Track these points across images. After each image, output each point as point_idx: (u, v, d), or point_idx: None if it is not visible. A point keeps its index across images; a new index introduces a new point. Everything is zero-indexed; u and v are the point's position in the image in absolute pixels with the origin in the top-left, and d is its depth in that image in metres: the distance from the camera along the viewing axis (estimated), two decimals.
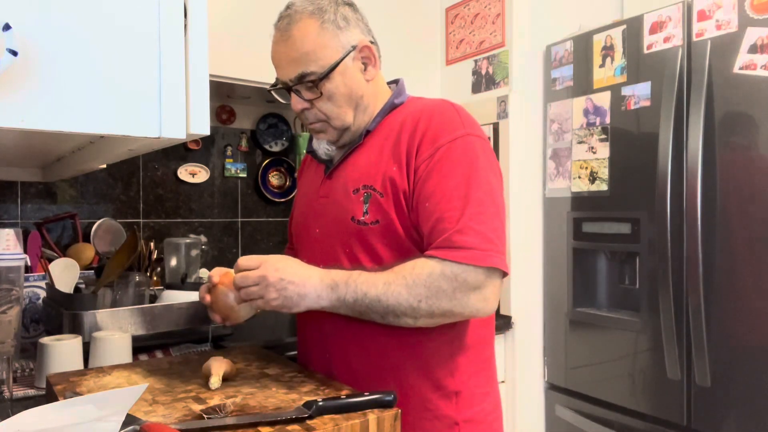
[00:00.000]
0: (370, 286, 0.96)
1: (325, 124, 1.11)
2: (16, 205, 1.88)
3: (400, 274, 0.96)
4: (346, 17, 1.07)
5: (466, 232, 0.95)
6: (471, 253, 0.95)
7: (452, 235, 0.96)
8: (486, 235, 0.96)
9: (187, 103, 0.92)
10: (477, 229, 0.96)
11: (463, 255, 0.95)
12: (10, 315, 1.16)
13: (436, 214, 0.98)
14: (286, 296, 0.97)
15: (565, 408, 2.00)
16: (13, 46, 0.74)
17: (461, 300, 0.95)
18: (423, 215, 1.00)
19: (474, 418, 1.07)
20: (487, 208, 0.98)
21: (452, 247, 0.95)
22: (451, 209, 0.97)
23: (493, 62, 2.12)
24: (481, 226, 0.96)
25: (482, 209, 0.98)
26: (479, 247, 0.95)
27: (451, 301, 0.95)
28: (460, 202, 0.97)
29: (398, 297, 0.95)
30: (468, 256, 0.95)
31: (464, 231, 0.95)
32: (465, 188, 0.98)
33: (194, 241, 1.97)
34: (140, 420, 0.76)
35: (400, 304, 0.95)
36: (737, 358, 1.53)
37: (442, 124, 1.03)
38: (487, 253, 0.95)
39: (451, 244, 0.95)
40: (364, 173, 1.07)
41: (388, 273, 0.97)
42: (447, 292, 0.95)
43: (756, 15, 1.50)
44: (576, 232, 1.97)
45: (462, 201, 0.97)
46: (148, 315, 1.37)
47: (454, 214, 0.97)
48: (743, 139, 1.53)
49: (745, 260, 1.52)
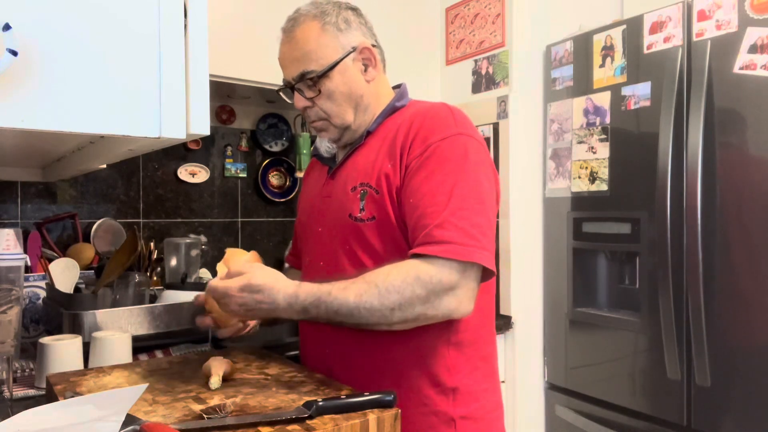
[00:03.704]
0: (341, 303, 0.95)
1: (326, 122, 1.14)
2: (16, 205, 1.88)
3: (372, 283, 0.95)
4: (348, 20, 1.11)
5: (446, 226, 0.95)
6: (449, 247, 0.94)
7: (432, 229, 0.96)
8: (466, 230, 0.96)
9: (187, 103, 0.92)
10: (457, 224, 0.95)
11: (440, 249, 0.94)
12: (10, 315, 1.16)
13: (420, 209, 0.99)
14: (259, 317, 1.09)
15: (565, 408, 2.00)
16: (13, 46, 0.74)
17: (434, 303, 0.95)
18: (408, 211, 1.01)
19: (472, 415, 1.07)
20: (470, 204, 0.98)
21: (431, 242, 0.95)
22: (434, 204, 0.97)
23: (493, 62, 2.12)
24: (462, 221, 0.96)
25: (465, 205, 0.97)
26: (457, 241, 0.94)
27: (424, 304, 0.95)
28: (443, 197, 0.97)
29: (370, 309, 0.94)
30: (445, 249, 0.94)
31: (444, 225, 0.95)
32: (450, 185, 0.98)
33: (194, 241, 1.97)
34: (140, 420, 0.76)
35: (372, 315, 0.95)
36: (737, 358, 1.53)
37: (434, 124, 1.04)
38: (466, 247, 0.94)
39: (431, 239, 0.95)
40: (362, 172, 1.09)
41: (359, 284, 0.96)
42: (421, 297, 0.94)
43: (756, 15, 1.50)
44: (576, 232, 1.97)
45: (446, 197, 0.97)
46: (148, 315, 1.37)
47: (437, 209, 0.97)
48: (743, 139, 1.53)
49: (745, 260, 1.52)
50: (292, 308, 0.98)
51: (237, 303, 0.99)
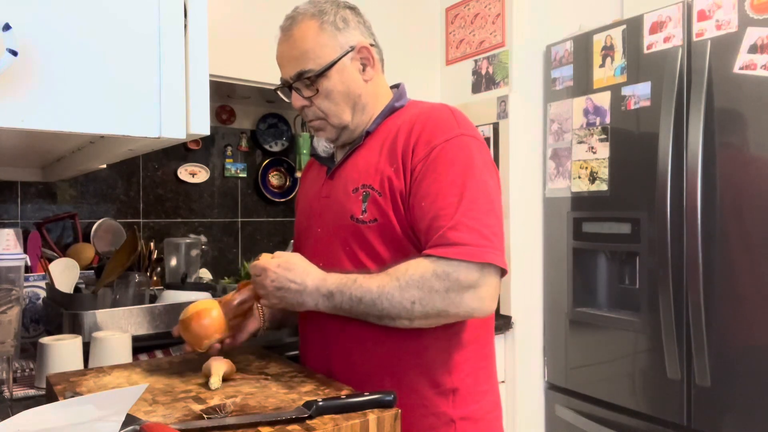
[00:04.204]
0: (365, 291, 0.98)
1: (324, 122, 1.14)
2: (16, 205, 1.88)
3: (393, 276, 0.97)
4: (346, 19, 1.11)
5: (460, 228, 0.96)
6: (464, 249, 0.95)
7: (446, 232, 0.96)
8: (480, 231, 0.97)
9: (187, 103, 0.92)
10: (471, 226, 0.96)
11: (456, 251, 0.95)
12: (10, 315, 1.16)
13: (432, 212, 0.99)
14: (287, 301, 1.04)
15: (565, 408, 2.00)
16: (13, 46, 0.74)
17: (454, 299, 0.96)
18: (419, 214, 1.01)
19: (471, 416, 1.07)
20: (481, 205, 0.99)
21: (446, 244, 0.96)
22: (446, 206, 0.98)
23: (493, 62, 2.12)
24: (475, 222, 0.97)
25: (476, 206, 0.98)
26: (473, 243, 0.96)
27: (444, 300, 0.95)
28: (454, 199, 0.98)
29: (392, 300, 0.96)
30: (461, 252, 0.95)
31: (458, 227, 0.96)
32: (460, 187, 0.99)
33: (194, 241, 1.97)
34: (140, 420, 0.76)
35: (393, 307, 0.96)
36: (737, 358, 1.53)
37: (437, 125, 1.05)
38: (481, 249, 0.96)
39: (445, 241, 0.96)
40: (363, 173, 1.08)
41: (382, 276, 0.99)
42: (440, 292, 0.95)
43: (756, 15, 1.50)
44: (576, 232, 1.97)
45: (456, 198, 0.98)
46: (148, 315, 1.37)
47: (449, 211, 0.98)
48: (743, 139, 1.52)
49: (745, 260, 1.52)
50: (318, 291, 1.01)
51: (270, 278, 1.02)
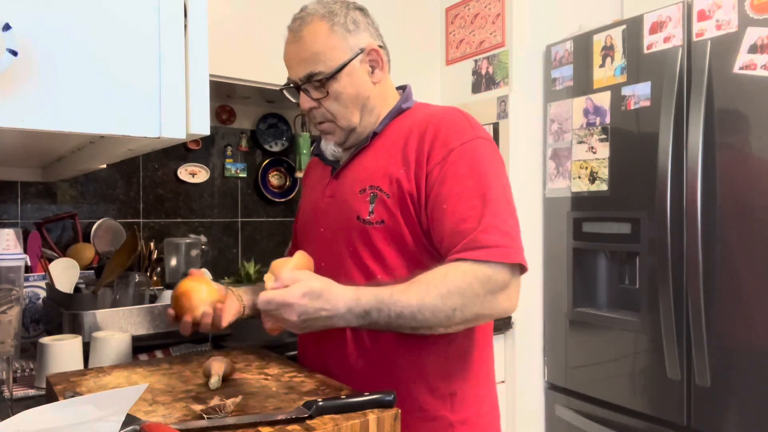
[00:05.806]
0: (404, 306, 0.92)
1: (332, 124, 1.13)
2: (16, 205, 1.88)
3: (432, 285, 0.94)
4: (356, 21, 1.10)
5: (490, 230, 0.96)
6: (499, 251, 0.95)
7: (477, 234, 0.96)
8: (508, 232, 0.98)
9: (187, 103, 0.92)
10: (500, 227, 0.97)
11: (492, 253, 0.95)
12: (10, 315, 1.16)
13: (456, 215, 0.99)
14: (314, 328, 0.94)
15: (565, 408, 2.00)
16: (13, 46, 0.74)
17: (491, 302, 0.96)
18: (440, 217, 1.00)
19: (470, 419, 1.07)
20: (504, 207, 1.00)
21: (480, 247, 0.95)
22: (471, 209, 0.98)
23: (493, 62, 2.12)
24: (502, 224, 0.98)
25: (500, 208, 0.99)
26: (504, 244, 0.96)
27: (483, 304, 0.95)
28: (478, 201, 0.98)
29: (434, 310, 0.93)
30: (497, 253, 0.95)
31: (488, 230, 0.96)
32: (481, 188, 0.99)
33: (194, 241, 1.97)
34: (140, 420, 0.76)
35: (435, 317, 0.93)
36: (737, 358, 1.53)
37: (451, 128, 1.05)
38: (510, 249, 0.97)
39: (478, 244, 0.96)
40: (371, 174, 1.08)
41: (417, 286, 0.94)
42: (480, 296, 0.94)
43: (756, 15, 1.50)
44: (576, 232, 1.97)
45: (480, 200, 0.98)
46: (148, 315, 1.37)
47: (475, 213, 0.97)
48: (743, 139, 1.52)
49: (745, 260, 1.52)
50: (351, 313, 0.92)
51: (297, 312, 0.89)
